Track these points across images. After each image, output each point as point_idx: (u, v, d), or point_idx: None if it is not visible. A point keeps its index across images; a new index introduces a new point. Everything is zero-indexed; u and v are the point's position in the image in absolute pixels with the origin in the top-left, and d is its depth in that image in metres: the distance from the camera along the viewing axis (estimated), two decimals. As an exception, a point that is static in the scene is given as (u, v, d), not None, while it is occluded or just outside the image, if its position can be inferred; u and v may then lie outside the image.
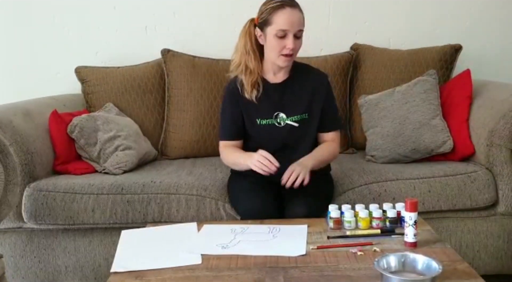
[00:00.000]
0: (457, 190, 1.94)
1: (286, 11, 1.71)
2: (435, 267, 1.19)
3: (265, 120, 1.83)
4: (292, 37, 1.71)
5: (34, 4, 2.74)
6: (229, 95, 1.87)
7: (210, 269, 1.30)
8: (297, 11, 1.73)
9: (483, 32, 2.76)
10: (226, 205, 1.90)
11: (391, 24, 2.76)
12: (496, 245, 2.01)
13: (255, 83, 1.81)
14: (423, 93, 2.21)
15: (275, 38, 1.72)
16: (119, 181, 1.99)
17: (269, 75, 1.86)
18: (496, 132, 1.94)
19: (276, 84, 1.85)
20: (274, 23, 1.71)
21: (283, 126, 1.83)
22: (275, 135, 1.83)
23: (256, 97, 1.81)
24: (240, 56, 1.82)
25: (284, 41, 1.72)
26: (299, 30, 1.73)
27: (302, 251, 1.37)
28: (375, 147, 2.22)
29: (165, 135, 2.52)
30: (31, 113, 2.14)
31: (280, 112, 1.83)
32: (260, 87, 1.82)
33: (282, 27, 1.70)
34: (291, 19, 1.70)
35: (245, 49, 1.81)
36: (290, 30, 1.71)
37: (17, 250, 2.02)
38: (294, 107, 1.84)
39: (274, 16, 1.71)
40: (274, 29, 1.71)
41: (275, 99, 1.83)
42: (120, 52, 2.75)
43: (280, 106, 1.83)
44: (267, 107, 1.83)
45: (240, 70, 1.82)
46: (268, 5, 1.75)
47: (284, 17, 1.70)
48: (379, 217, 1.53)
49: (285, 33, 1.71)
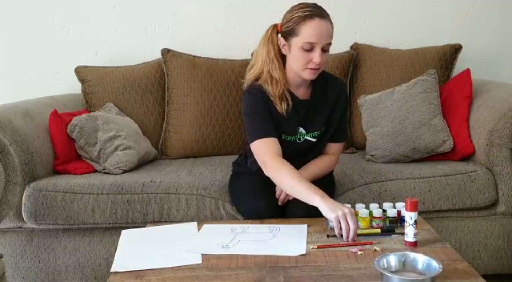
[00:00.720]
0: (457, 189, 1.94)
1: (315, 23, 1.58)
2: (435, 266, 1.19)
3: (289, 137, 1.76)
4: (320, 50, 1.59)
5: (34, 4, 2.74)
6: (260, 101, 1.69)
7: (210, 268, 1.30)
8: (327, 23, 1.60)
9: (483, 31, 2.77)
10: (226, 205, 1.90)
11: (391, 24, 2.76)
12: (496, 245, 2.01)
13: (283, 95, 1.68)
14: (423, 93, 2.21)
15: (301, 50, 1.60)
16: (119, 180, 1.99)
17: (293, 88, 1.73)
18: (496, 132, 1.95)
19: (304, 101, 1.75)
20: (300, 34, 1.58)
21: (301, 142, 1.78)
22: (292, 149, 1.77)
23: (287, 112, 1.69)
24: (261, 64, 1.69)
25: (311, 54, 1.60)
26: (328, 43, 1.61)
27: (302, 251, 1.37)
28: (375, 147, 2.22)
29: (165, 135, 2.52)
30: (31, 113, 2.14)
31: (300, 127, 1.76)
32: (289, 101, 1.69)
33: (309, 40, 1.58)
34: (320, 31, 1.58)
35: (268, 57, 1.68)
36: (318, 43, 1.58)
37: (17, 250, 2.03)
38: (315, 124, 1.78)
39: (301, 27, 1.58)
40: (301, 41, 1.59)
41: (301, 116, 1.74)
42: (120, 52, 2.76)
43: (302, 122, 1.76)
44: (294, 123, 1.74)
45: (263, 79, 1.70)
46: (295, 13, 1.61)
47: (313, 29, 1.57)
48: (379, 217, 1.53)
49: (312, 46, 1.59)
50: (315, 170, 1.78)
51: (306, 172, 1.74)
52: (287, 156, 1.69)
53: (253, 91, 1.71)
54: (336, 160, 1.88)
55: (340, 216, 1.42)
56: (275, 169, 1.62)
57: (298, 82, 1.73)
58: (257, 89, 1.70)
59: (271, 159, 1.64)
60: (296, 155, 1.78)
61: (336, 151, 1.86)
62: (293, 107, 1.71)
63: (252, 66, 1.74)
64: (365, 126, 2.32)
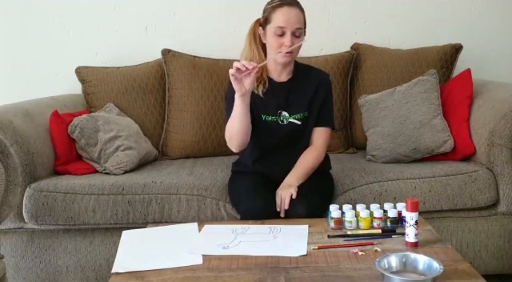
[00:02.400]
0: (457, 189, 1.94)
1: (283, 9, 1.75)
2: (436, 267, 1.19)
3: (270, 117, 1.86)
4: (290, 35, 1.74)
5: (34, 5, 2.74)
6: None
7: (211, 269, 1.30)
8: (295, 9, 1.77)
9: (484, 31, 2.76)
10: (226, 205, 1.90)
11: (391, 24, 2.76)
12: (497, 245, 2.01)
13: (261, 78, 1.84)
14: (424, 93, 2.21)
15: (274, 36, 1.76)
16: (120, 181, 1.99)
17: (274, 74, 1.89)
18: (496, 132, 1.94)
19: (282, 83, 1.88)
20: (272, 21, 1.76)
21: (286, 125, 1.86)
22: (278, 132, 1.86)
23: (263, 92, 1.84)
24: (245, 55, 1.85)
25: (282, 39, 1.76)
26: (298, 28, 1.76)
27: (303, 251, 1.37)
28: (376, 147, 2.22)
29: (166, 136, 2.52)
30: (32, 114, 2.14)
31: (283, 111, 1.86)
32: (266, 84, 1.85)
33: (279, 24, 1.75)
34: (288, 17, 1.74)
35: (250, 47, 1.85)
36: (287, 27, 1.74)
37: (18, 251, 2.02)
38: (297, 106, 1.87)
39: (273, 14, 1.76)
40: (273, 27, 1.76)
41: (280, 98, 1.86)
42: (121, 53, 2.76)
43: (284, 105, 1.86)
44: (272, 104, 1.86)
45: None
46: (269, 4, 1.81)
47: (282, 15, 1.75)
48: (380, 217, 1.53)
49: (282, 30, 1.75)
50: (305, 166, 1.83)
51: (297, 173, 1.80)
52: (275, 141, 1.86)
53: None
54: (321, 148, 1.89)
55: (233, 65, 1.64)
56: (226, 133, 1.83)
57: (278, 69, 1.87)
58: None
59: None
60: (284, 141, 1.86)
61: (318, 138, 1.89)
62: (271, 89, 1.86)
63: (241, 56, 1.88)
64: (365, 126, 2.32)
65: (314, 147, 1.89)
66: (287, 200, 1.70)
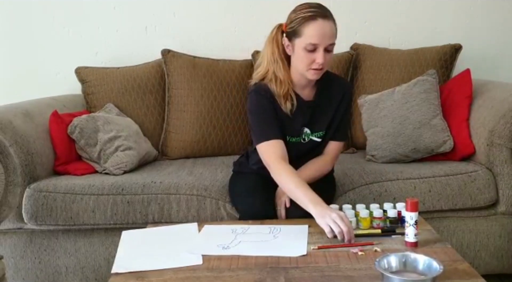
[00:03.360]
0: (457, 189, 1.94)
1: (318, 23, 1.58)
2: (436, 267, 1.19)
3: (294, 138, 1.77)
4: (323, 51, 1.59)
5: (34, 5, 2.74)
6: (266, 100, 1.70)
7: (211, 269, 1.30)
8: (330, 23, 1.60)
9: (483, 31, 2.77)
10: (226, 205, 1.90)
11: (391, 24, 2.76)
12: (497, 245, 2.01)
13: (287, 94, 1.69)
14: (423, 93, 2.21)
15: (304, 51, 1.60)
16: (120, 181, 1.99)
17: (298, 89, 1.74)
18: (496, 132, 1.95)
19: (308, 102, 1.76)
20: (303, 35, 1.59)
21: (306, 142, 1.79)
22: (298, 150, 1.78)
23: (291, 112, 1.70)
24: (267, 64, 1.70)
25: (314, 55, 1.60)
26: (332, 43, 1.61)
27: (303, 251, 1.37)
28: (376, 147, 2.22)
29: (166, 136, 2.52)
30: (31, 114, 2.14)
31: (305, 127, 1.77)
32: (294, 101, 1.70)
33: (312, 41, 1.58)
34: (322, 32, 1.58)
35: (273, 57, 1.69)
36: (321, 44, 1.58)
37: (17, 251, 2.02)
38: (320, 124, 1.78)
39: (304, 28, 1.58)
40: (304, 42, 1.59)
41: (305, 117, 1.75)
42: (120, 53, 2.76)
43: (308, 123, 1.77)
44: (298, 124, 1.75)
45: (269, 79, 1.71)
46: (298, 14, 1.61)
47: (315, 30, 1.57)
48: (379, 217, 1.53)
49: (315, 47, 1.59)
50: (309, 173, 1.76)
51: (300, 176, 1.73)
52: (292, 157, 1.71)
53: (259, 91, 1.71)
54: (332, 161, 1.84)
55: (328, 221, 1.43)
56: (278, 174, 1.64)
57: (303, 83, 1.73)
58: (263, 89, 1.71)
59: (275, 163, 1.65)
60: (300, 156, 1.79)
61: (332, 151, 1.84)
62: (298, 107, 1.72)
63: (258, 66, 1.75)
64: (365, 126, 2.32)
65: (323, 159, 1.82)
66: (282, 207, 1.68)
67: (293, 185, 1.58)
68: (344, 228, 1.40)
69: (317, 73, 1.65)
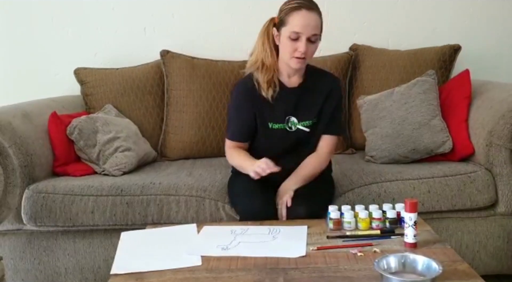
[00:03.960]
0: (456, 190, 1.94)
1: (301, 13, 1.67)
2: (435, 267, 1.19)
3: (277, 124, 1.82)
4: (305, 40, 1.68)
5: (33, 5, 2.74)
6: (245, 93, 1.82)
7: (210, 270, 1.30)
8: (313, 15, 1.69)
9: (482, 32, 2.77)
10: (225, 206, 1.90)
11: (390, 25, 2.76)
12: (496, 245, 2.01)
13: (271, 81, 1.78)
14: (422, 94, 2.21)
15: (288, 39, 1.69)
16: (119, 182, 1.99)
17: (284, 77, 1.82)
18: (495, 133, 1.95)
19: (292, 89, 1.82)
20: (288, 24, 1.69)
21: (293, 131, 1.83)
22: (286, 139, 1.83)
23: (272, 97, 1.78)
24: (257, 54, 1.79)
25: (297, 43, 1.69)
26: (314, 34, 1.69)
27: (302, 252, 1.37)
28: (375, 147, 2.22)
29: (165, 137, 2.52)
30: (30, 115, 2.14)
31: (291, 116, 1.82)
32: (276, 88, 1.78)
33: (295, 29, 1.67)
34: (305, 22, 1.67)
35: (262, 47, 1.78)
36: (303, 33, 1.67)
37: (16, 252, 2.02)
38: (307, 113, 1.82)
39: (289, 17, 1.68)
40: (288, 30, 1.69)
41: (289, 104, 1.81)
42: (119, 54, 2.75)
43: (293, 111, 1.82)
44: (281, 111, 1.81)
45: (256, 67, 1.80)
46: (287, 5, 1.72)
47: (299, 19, 1.67)
48: (379, 218, 1.53)
49: (298, 35, 1.68)
50: (306, 171, 1.81)
51: (297, 178, 1.78)
52: (280, 148, 1.82)
53: (242, 81, 1.85)
54: (327, 156, 1.87)
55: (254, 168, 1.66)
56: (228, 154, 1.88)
57: (290, 72, 1.81)
58: (246, 78, 1.84)
59: (230, 149, 1.87)
60: (290, 147, 1.83)
61: (327, 145, 1.87)
62: (280, 94, 1.79)
63: (251, 55, 1.84)
64: (364, 127, 2.32)
65: (318, 154, 1.86)
66: (283, 207, 1.69)
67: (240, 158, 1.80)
68: (258, 169, 1.64)
69: (299, 62, 1.72)
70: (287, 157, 1.82)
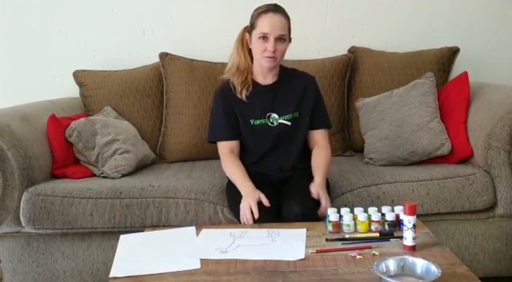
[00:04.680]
0: (455, 192, 1.94)
1: (268, 15, 1.81)
2: (434, 271, 1.19)
3: (258, 120, 1.90)
4: (273, 40, 1.80)
5: (32, 7, 2.74)
6: (222, 96, 1.93)
7: (209, 273, 1.30)
8: (279, 16, 1.82)
9: (481, 34, 2.77)
10: (224, 209, 1.90)
11: (389, 27, 2.77)
12: (495, 248, 2.01)
13: (245, 82, 1.89)
14: (421, 96, 2.21)
15: (258, 41, 1.82)
16: (118, 185, 1.99)
17: (259, 77, 1.93)
18: (494, 135, 1.95)
19: (267, 86, 1.92)
20: (257, 26, 1.82)
21: (276, 126, 1.89)
22: (269, 134, 1.89)
23: (247, 97, 1.88)
24: (233, 61, 1.92)
25: (266, 44, 1.81)
26: (281, 34, 1.80)
27: (301, 255, 1.37)
28: (373, 150, 2.22)
29: (163, 139, 2.52)
30: (29, 117, 2.13)
31: (272, 113, 1.90)
32: (250, 87, 1.89)
33: (263, 30, 1.80)
34: (272, 23, 1.80)
35: (237, 53, 1.92)
36: (270, 33, 1.79)
37: (15, 255, 2.02)
38: (285, 107, 1.90)
39: (258, 21, 1.82)
40: (257, 32, 1.82)
41: (266, 101, 1.91)
42: (118, 56, 2.75)
43: (272, 107, 1.90)
44: (259, 108, 1.90)
45: (232, 73, 1.92)
46: (256, 11, 1.86)
47: (266, 21, 1.80)
48: (378, 220, 1.53)
49: (266, 36, 1.80)
50: (322, 170, 1.84)
51: (319, 178, 1.80)
52: (267, 143, 1.89)
53: (220, 87, 1.96)
54: (326, 148, 1.93)
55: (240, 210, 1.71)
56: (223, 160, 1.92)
57: (264, 73, 1.92)
58: (223, 84, 1.95)
59: (225, 156, 1.91)
60: (276, 142, 1.89)
61: (321, 139, 1.94)
62: (257, 92, 1.90)
63: (229, 60, 1.96)
64: (363, 129, 2.32)
65: (319, 147, 1.93)
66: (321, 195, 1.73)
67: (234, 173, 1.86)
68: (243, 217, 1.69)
69: (270, 61, 1.83)
70: (277, 152, 1.91)
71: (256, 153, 1.92)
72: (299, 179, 1.87)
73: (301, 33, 2.74)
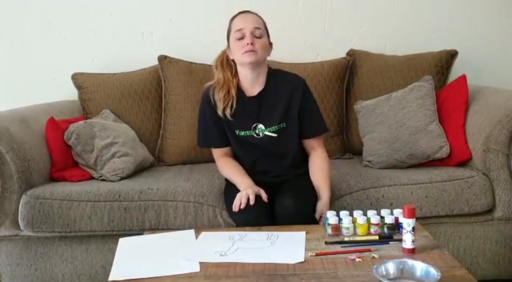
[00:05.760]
0: (454, 195, 1.95)
1: (239, 15, 1.86)
2: (433, 274, 1.19)
3: (243, 131, 1.87)
4: (249, 34, 1.79)
5: (30, 10, 2.74)
6: (211, 105, 1.88)
7: (209, 276, 1.29)
8: (250, 14, 1.85)
9: (479, 37, 2.78)
10: (223, 212, 1.90)
11: (387, 30, 2.77)
12: (494, 250, 2.01)
13: (227, 98, 1.84)
14: (420, 99, 2.22)
15: (236, 42, 1.81)
16: (116, 188, 1.99)
17: (246, 86, 1.88)
18: (492, 138, 1.95)
19: (252, 97, 1.87)
20: (232, 29, 1.84)
21: (261, 138, 1.87)
22: (255, 145, 1.88)
23: (231, 114, 1.84)
24: (218, 79, 1.87)
25: (243, 40, 1.80)
26: (256, 27, 1.80)
27: (300, 258, 1.37)
28: (372, 152, 2.22)
29: (162, 142, 2.52)
30: (28, 120, 2.13)
31: (258, 123, 1.87)
32: (233, 105, 1.84)
33: (237, 27, 1.81)
34: (244, 19, 1.83)
35: (215, 69, 1.89)
36: (245, 27, 1.80)
37: (13, 258, 2.01)
38: (271, 119, 1.86)
39: (232, 24, 1.85)
40: (233, 33, 1.83)
41: (252, 112, 1.86)
42: (117, 59, 2.75)
43: (258, 118, 1.86)
44: (245, 119, 1.86)
45: (213, 88, 1.88)
46: (231, 19, 1.89)
47: (238, 20, 1.84)
48: (377, 223, 1.53)
49: (242, 32, 1.80)
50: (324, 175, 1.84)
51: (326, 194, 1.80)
52: (257, 152, 1.88)
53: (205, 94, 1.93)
54: (323, 153, 1.92)
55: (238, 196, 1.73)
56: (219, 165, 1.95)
57: (250, 79, 1.86)
58: (206, 92, 1.92)
59: (219, 160, 1.95)
60: (266, 151, 1.88)
61: (318, 145, 1.92)
62: (241, 105, 1.85)
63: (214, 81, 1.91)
64: (361, 132, 2.32)
65: (316, 154, 1.90)
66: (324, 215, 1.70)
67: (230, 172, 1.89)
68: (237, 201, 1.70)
69: (250, 55, 1.78)
70: (267, 160, 1.89)
71: (246, 161, 1.92)
72: (295, 179, 1.87)
73: (300, 36, 2.77)
